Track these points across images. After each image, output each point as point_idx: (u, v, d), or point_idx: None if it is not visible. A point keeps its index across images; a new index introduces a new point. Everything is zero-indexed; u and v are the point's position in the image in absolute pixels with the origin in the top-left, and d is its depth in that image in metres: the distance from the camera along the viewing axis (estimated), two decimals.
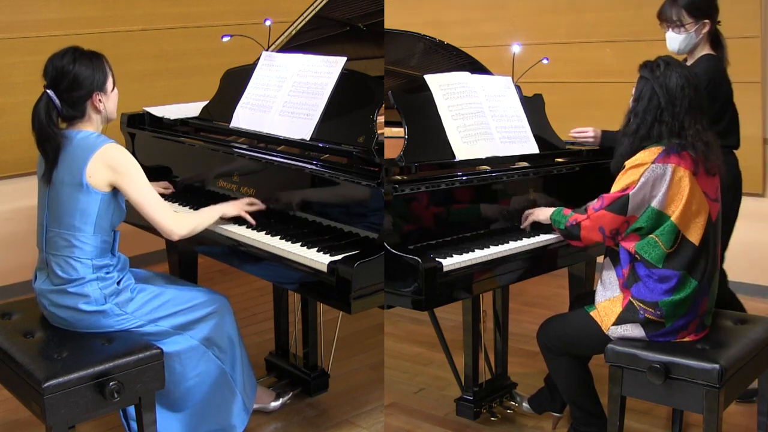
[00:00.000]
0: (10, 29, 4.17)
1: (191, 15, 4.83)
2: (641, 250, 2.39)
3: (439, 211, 2.50)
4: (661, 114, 2.38)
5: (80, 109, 2.41)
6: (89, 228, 2.38)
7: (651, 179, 2.35)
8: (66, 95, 2.38)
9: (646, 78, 2.42)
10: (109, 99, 2.46)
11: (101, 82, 2.42)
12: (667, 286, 2.37)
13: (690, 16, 2.81)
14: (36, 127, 2.37)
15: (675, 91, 2.38)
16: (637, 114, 2.43)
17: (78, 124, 2.43)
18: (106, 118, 2.49)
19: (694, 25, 2.82)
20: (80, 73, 2.37)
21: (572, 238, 2.52)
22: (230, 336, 2.63)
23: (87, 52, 2.43)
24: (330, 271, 2.24)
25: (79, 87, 2.38)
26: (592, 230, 2.45)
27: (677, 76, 2.39)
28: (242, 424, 2.69)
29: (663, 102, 2.38)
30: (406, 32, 3.22)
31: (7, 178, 4.28)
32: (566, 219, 2.51)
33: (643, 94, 2.42)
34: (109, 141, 2.40)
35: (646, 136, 2.40)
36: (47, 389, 2.13)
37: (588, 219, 2.44)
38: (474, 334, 2.89)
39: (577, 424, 2.65)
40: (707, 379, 2.23)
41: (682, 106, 2.37)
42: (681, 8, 2.82)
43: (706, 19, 2.83)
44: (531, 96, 3.12)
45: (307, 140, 2.74)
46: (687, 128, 2.37)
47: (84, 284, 2.38)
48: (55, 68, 2.38)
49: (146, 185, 2.42)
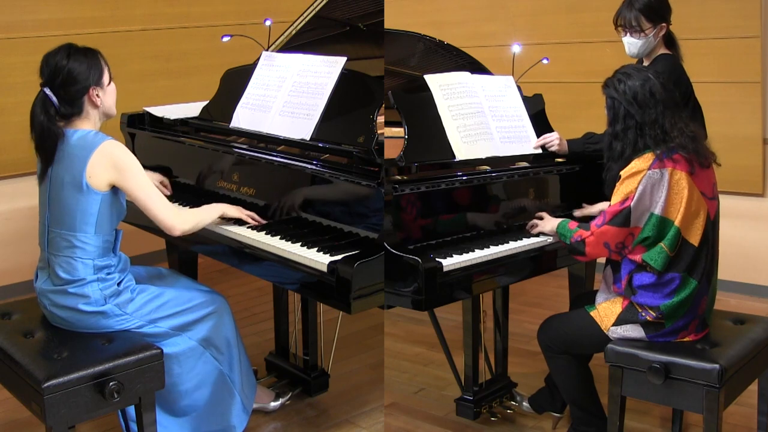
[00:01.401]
0: (10, 29, 4.17)
1: (191, 15, 4.83)
2: (649, 259, 2.37)
3: (439, 211, 2.50)
4: (641, 128, 2.37)
5: (78, 105, 2.39)
6: (90, 228, 2.38)
7: (649, 186, 2.34)
8: (62, 91, 2.36)
9: (612, 98, 2.41)
10: (106, 93, 2.44)
11: (97, 76, 2.40)
12: (669, 289, 2.37)
13: (648, 21, 2.79)
14: (36, 126, 2.36)
15: (646, 100, 2.36)
16: (617, 136, 2.40)
17: (76, 121, 2.41)
18: (105, 114, 2.47)
19: (652, 29, 2.80)
20: (75, 68, 2.36)
21: (577, 253, 2.50)
22: (229, 337, 2.63)
23: (81, 48, 2.42)
24: (330, 271, 2.24)
25: (75, 82, 2.36)
26: (597, 246, 2.43)
27: (640, 83, 2.37)
28: (242, 424, 2.69)
29: (638, 116, 2.36)
30: (406, 32, 3.22)
31: (7, 178, 4.28)
32: (571, 234, 2.49)
33: (616, 114, 2.40)
34: (106, 138, 2.38)
35: (632, 153, 2.38)
36: (47, 389, 2.13)
37: (592, 235, 2.42)
38: (474, 334, 2.89)
39: (577, 424, 2.65)
40: (707, 379, 2.23)
41: (657, 112, 2.36)
42: (639, 13, 2.78)
43: (662, 22, 2.82)
44: (531, 96, 3.12)
45: (307, 140, 2.74)
46: (670, 130, 2.35)
47: (84, 285, 2.38)
48: (49, 65, 2.37)
49: (146, 181, 2.42)
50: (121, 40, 4.51)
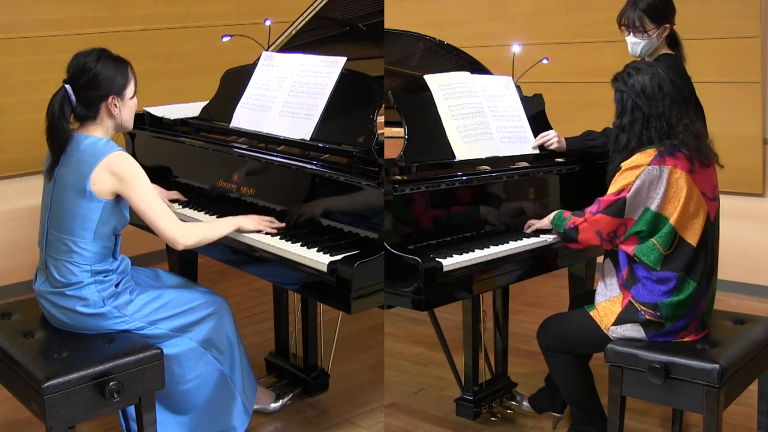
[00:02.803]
0: (10, 29, 4.16)
1: (191, 15, 4.83)
2: (640, 253, 2.39)
3: (439, 211, 2.50)
4: (648, 121, 2.38)
5: (93, 110, 2.39)
6: (89, 234, 2.37)
7: (647, 181, 2.35)
8: (82, 93, 2.36)
9: (622, 91, 2.42)
10: (125, 106, 2.44)
11: (120, 86, 2.40)
12: (666, 287, 2.37)
13: (652, 22, 2.78)
14: (48, 118, 2.36)
15: (654, 93, 2.37)
16: (624, 128, 2.41)
17: (89, 126, 2.41)
18: (120, 126, 2.47)
19: (656, 30, 2.79)
20: (101, 73, 2.36)
21: (570, 241, 2.52)
22: (229, 337, 2.62)
23: (113, 56, 2.43)
24: (330, 271, 2.24)
25: (97, 87, 2.36)
26: (590, 233, 2.45)
27: (649, 77, 2.38)
28: (243, 425, 2.68)
29: (646, 109, 2.37)
30: (406, 32, 3.22)
31: (6, 178, 4.28)
32: (564, 222, 2.51)
33: (624, 107, 2.41)
34: (116, 148, 2.38)
35: (637, 147, 2.39)
36: (47, 389, 2.13)
37: (585, 222, 2.45)
38: (474, 334, 2.89)
39: (577, 424, 2.65)
40: (707, 379, 2.23)
41: (665, 105, 2.37)
42: (643, 14, 2.77)
43: (666, 23, 2.82)
44: (531, 96, 3.12)
45: (307, 140, 2.74)
46: (675, 126, 2.36)
47: (82, 288, 2.38)
48: (78, 64, 2.38)
49: (151, 193, 2.40)
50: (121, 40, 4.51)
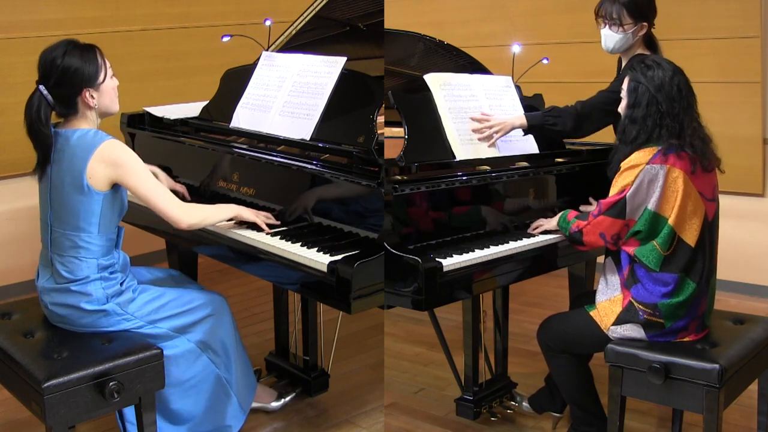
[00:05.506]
0: (10, 29, 4.16)
1: (191, 15, 4.83)
2: (640, 254, 2.39)
3: (439, 211, 2.50)
4: (662, 117, 2.36)
5: (72, 106, 2.36)
6: (94, 228, 2.37)
7: (646, 180, 2.35)
8: (55, 91, 2.33)
9: (639, 81, 2.39)
10: (101, 94, 2.39)
11: (91, 77, 2.34)
12: (666, 289, 2.37)
13: (630, 16, 2.75)
14: (26, 122, 2.34)
15: (673, 93, 2.36)
16: (635, 121, 2.39)
17: (74, 121, 2.39)
18: (103, 113, 2.44)
19: (632, 26, 2.77)
20: (69, 68, 2.31)
21: (576, 243, 2.53)
22: (227, 338, 2.61)
23: (78, 46, 2.36)
24: (330, 271, 2.24)
25: (68, 83, 2.32)
26: (594, 236, 2.45)
27: (669, 74, 2.37)
28: (238, 424, 2.68)
29: (664, 106, 2.35)
30: (406, 32, 3.22)
31: (6, 178, 4.28)
32: (569, 225, 2.52)
33: (639, 99, 2.38)
34: (107, 137, 2.36)
35: (645, 141, 2.39)
36: (47, 389, 2.13)
37: (589, 225, 2.45)
38: (474, 334, 2.89)
39: (577, 424, 2.65)
40: (707, 379, 2.23)
41: (681, 107, 2.36)
42: (622, 7, 2.75)
43: (644, 21, 2.80)
44: (531, 96, 3.12)
45: (307, 140, 2.74)
46: (686, 128, 2.36)
47: (88, 283, 2.38)
48: (46, 62, 2.33)
49: (149, 176, 2.40)
50: (121, 40, 4.51)
